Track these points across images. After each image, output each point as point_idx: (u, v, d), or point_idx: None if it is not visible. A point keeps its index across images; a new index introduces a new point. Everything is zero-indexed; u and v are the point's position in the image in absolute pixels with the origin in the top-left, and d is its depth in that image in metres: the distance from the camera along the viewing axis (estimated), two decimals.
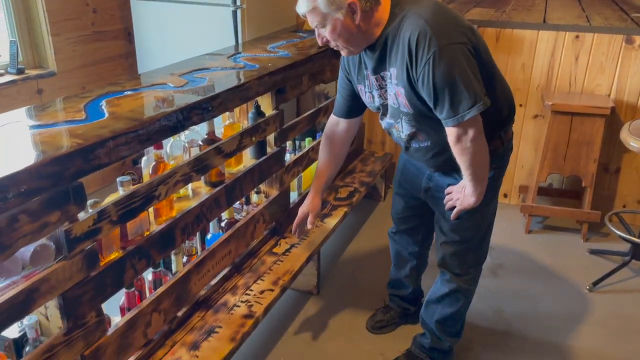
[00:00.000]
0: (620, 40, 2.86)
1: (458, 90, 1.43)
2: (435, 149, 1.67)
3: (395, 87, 1.56)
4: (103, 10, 3.15)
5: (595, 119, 2.78)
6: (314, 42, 2.71)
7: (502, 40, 3.07)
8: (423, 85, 1.47)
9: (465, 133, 1.49)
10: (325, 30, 1.51)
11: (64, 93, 2.95)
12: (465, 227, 1.79)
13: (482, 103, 1.45)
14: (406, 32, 1.46)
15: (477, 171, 1.57)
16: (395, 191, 2.07)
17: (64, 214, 1.24)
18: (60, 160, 1.19)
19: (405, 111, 1.60)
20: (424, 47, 1.42)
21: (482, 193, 1.63)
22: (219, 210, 1.94)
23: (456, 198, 1.70)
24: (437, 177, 1.80)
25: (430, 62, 1.42)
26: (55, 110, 1.54)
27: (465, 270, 1.87)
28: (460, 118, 1.46)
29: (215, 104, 1.75)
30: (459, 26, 1.49)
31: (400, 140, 1.74)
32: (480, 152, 1.54)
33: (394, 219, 2.13)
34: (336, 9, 1.45)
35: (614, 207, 3.18)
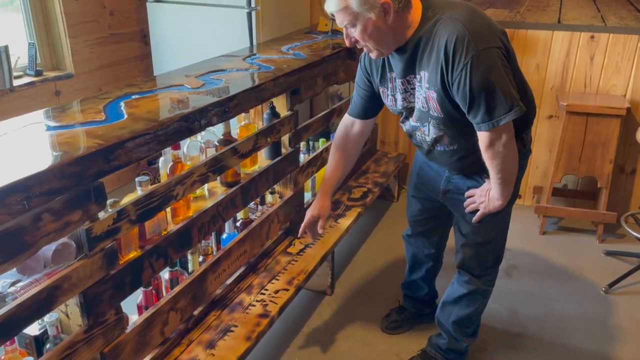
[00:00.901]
0: (636, 40, 2.84)
1: (495, 95, 1.43)
2: (461, 152, 1.67)
3: (427, 90, 1.55)
4: (120, 13, 3.19)
5: (611, 120, 2.76)
6: (328, 43, 2.73)
7: (516, 41, 3.06)
8: (459, 90, 1.46)
9: (499, 138, 1.49)
10: (355, 30, 1.48)
11: (81, 94, 2.99)
12: (487, 229, 1.79)
13: (519, 108, 1.45)
14: (442, 35, 1.45)
15: (506, 175, 1.57)
16: (411, 194, 2.06)
17: (85, 213, 1.27)
18: (82, 161, 1.22)
19: (435, 115, 1.58)
20: (461, 52, 1.41)
21: (509, 197, 1.64)
22: (235, 210, 1.95)
23: (479, 201, 1.70)
24: (457, 179, 1.79)
25: (468, 67, 1.41)
26: (74, 111, 1.56)
27: (484, 271, 1.87)
28: (496, 123, 1.45)
29: (231, 105, 1.77)
30: (494, 30, 1.48)
31: (423, 143, 1.72)
32: (511, 156, 1.54)
33: (410, 221, 2.12)
34: (369, 9, 1.42)
35: (629, 208, 3.15)
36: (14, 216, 1.07)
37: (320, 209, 1.85)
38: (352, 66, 2.74)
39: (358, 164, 3.16)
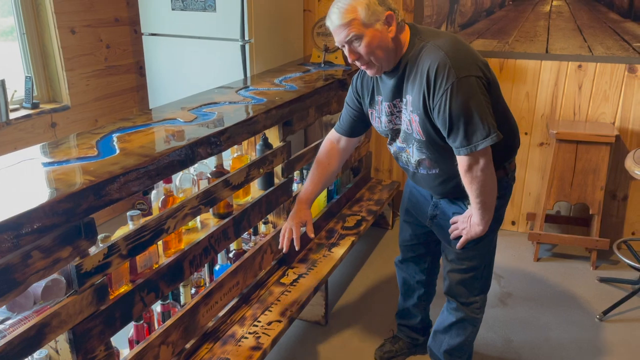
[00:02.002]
0: (622, 69, 2.90)
1: (473, 121, 1.49)
2: (443, 176, 1.71)
3: (411, 113, 1.61)
4: (116, 46, 3.24)
5: (601, 147, 2.79)
6: (320, 74, 2.77)
7: (505, 70, 3.11)
8: (439, 114, 1.52)
9: (476, 162, 1.54)
10: (360, 44, 1.54)
11: (77, 126, 3.03)
12: (471, 256, 1.81)
13: (496, 135, 1.50)
14: (426, 62, 1.52)
15: (485, 200, 1.61)
16: (403, 219, 2.10)
17: (75, 249, 1.28)
18: (73, 197, 1.23)
19: (418, 137, 1.64)
20: (442, 78, 1.48)
21: (489, 222, 1.67)
22: (227, 242, 1.96)
23: (462, 228, 1.73)
24: (443, 204, 1.83)
25: (448, 92, 1.48)
26: (68, 147, 1.59)
27: (472, 298, 1.88)
28: (474, 147, 1.51)
29: (223, 138, 1.79)
30: (475, 60, 1.54)
31: (409, 165, 1.77)
32: (490, 181, 1.59)
33: (401, 246, 2.15)
34: (376, 20, 1.51)
35: (622, 234, 3.17)
36: (4, 254, 1.08)
37: (305, 216, 1.91)
38: (344, 96, 2.77)
39: (352, 192, 3.18)
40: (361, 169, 3.34)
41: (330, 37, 2.93)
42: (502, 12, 3.06)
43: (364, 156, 3.29)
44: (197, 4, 2.91)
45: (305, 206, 1.93)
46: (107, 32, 3.17)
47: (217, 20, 2.88)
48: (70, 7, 2.90)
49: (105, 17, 3.14)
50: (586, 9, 2.91)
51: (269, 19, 2.99)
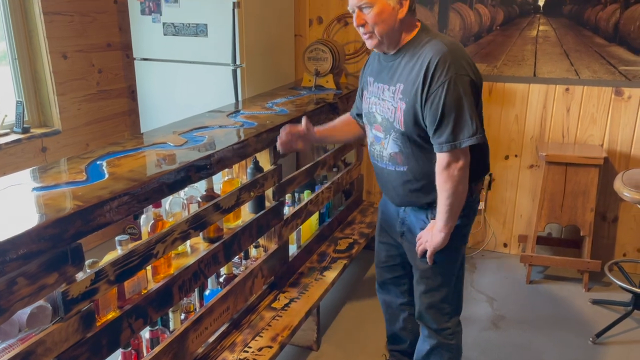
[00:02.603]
0: (609, 92, 2.94)
1: (463, 118, 1.55)
2: (409, 175, 1.74)
3: (399, 101, 1.66)
4: (108, 70, 3.26)
5: (590, 169, 2.81)
6: (312, 98, 2.80)
7: (495, 93, 3.15)
8: (432, 105, 1.57)
9: (456, 160, 1.59)
10: (370, 11, 1.60)
11: (68, 150, 3.02)
12: (435, 273, 1.82)
13: (481, 136, 1.57)
14: (428, 53, 1.59)
15: (454, 203, 1.64)
16: (377, 239, 2.11)
17: (62, 275, 1.26)
18: (60, 223, 1.22)
19: (397, 128, 1.68)
20: (442, 71, 1.55)
21: (451, 230, 1.69)
22: (217, 266, 1.95)
23: (425, 240, 1.75)
24: (410, 220, 1.84)
25: (445, 85, 1.55)
26: (57, 171, 1.58)
27: (444, 324, 1.88)
28: (459, 144, 1.57)
29: (213, 161, 1.79)
30: (472, 68, 1.63)
31: (381, 159, 1.80)
32: (463, 184, 1.63)
33: (378, 268, 2.14)
34: None
35: (614, 255, 3.17)
36: None
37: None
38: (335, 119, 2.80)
39: (343, 215, 3.17)
40: (353, 191, 3.34)
41: (320, 62, 2.97)
42: (490, 36, 3.12)
43: (356, 179, 3.30)
44: (189, 30, 2.94)
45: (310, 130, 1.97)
46: (99, 57, 3.18)
47: (209, 45, 2.91)
48: (63, 33, 2.92)
49: (97, 42, 3.16)
50: (572, 34, 2.96)
51: (260, 43, 3.02)
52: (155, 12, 2.99)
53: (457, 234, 1.73)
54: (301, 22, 3.47)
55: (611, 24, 2.88)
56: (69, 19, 2.95)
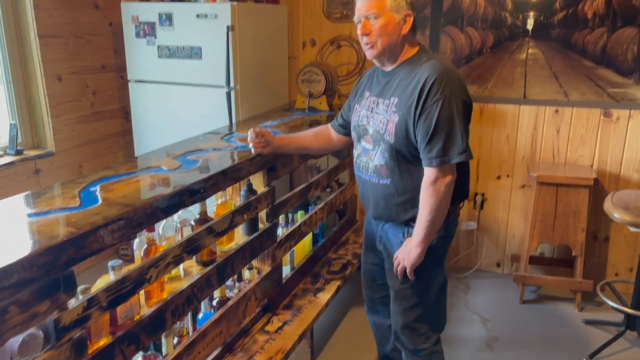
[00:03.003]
0: (598, 113, 2.99)
1: (454, 135, 1.61)
2: (392, 189, 1.78)
3: (392, 114, 1.71)
4: (102, 92, 3.28)
5: (580, 190, 2.84)
6: (305, 120, 2.82)
7: (486, 114, 3.19)
8: (425, 121, 1.62)
9: (444, 176, 1.64)
10: (376, 22, 1.68)
11: (61, 172, 3.02)
12: (410, 293, 1.84)
13: (470, 153, 1.64)
14: (425, 71, 1.66)
15: (435, 219, 1.68)
16: (363, 259, 2.13)
17: (54, 303, 1.26)
18: (53, 250, 1.22)
19: (387, 139, 1.73)
20: (438, 88, 1.62)
21: (427, 245, 1.72)
22: (210, 290, 1.94)
23: (402, 257, 1.78)
24: (386, 238, 1.88)
25: (440, 102, 1.61)
26: (51, 196, 1.58)
27: (419, 345, 1.89)
28: (448, 160, 1.62)
29: (207, 185, 1.80)
30: (465, 88, 1.70)
31: (366, 170, 1.84)
32: (446, 201, 1.68)
33: (365, 289, 2.16)
34: (397, 10, 1.68)
35: (606, 275, 3.19)
36: None
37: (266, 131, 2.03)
38: None
39: (337, 235, 3.18)
40: (346, 211, 3.35)
41: (314, 84, 3.00)
42: (480, 59, 3.17)
43: (349, 199, 3.31)
44: (183, 52, 2.97)
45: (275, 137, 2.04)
46: (94, 79, 3.20)
47: (203, 67, 2.94)
48: (57, 56, 2.94)
49: (92, 65, 3.18)
50: (560, 57, 3.02)
51: (254, 66, 3.05)
52: (150, 35, 3.02)
53: (430, 255, 1.76)
54: (295, 45, 3.51)
55: (599, 47, 2.94)
56: (64, 41, 2.97)
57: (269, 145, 2.02)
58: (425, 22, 3.19)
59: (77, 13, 3.03)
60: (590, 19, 2.92)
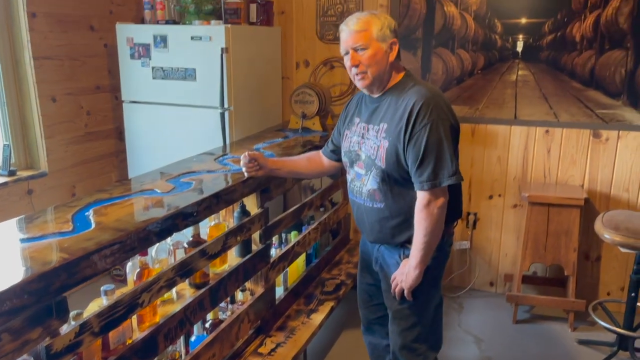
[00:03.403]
0: (587, 134, 3.03)
1: (444, 158, 1.65)
2: (385, 213, 1.81)
3: (382, 140, 1.75)
4: (97, 112, 3.29)
5: (571, 210, 2.87)
6: (298, 140, 2.84)
7: (477, 135, 3.23)
8: (414, 146, 1.66)
9: (436, 198, 1.67)
10: (365, 53, 1.72)
11: (54, 192, 3.02)
12: (408, 314, 1.86)
13: (460, 176, 1.67)
14: (412, 97, 1.70)
15: (430, 241, 1.71)
16: (359, 279, 2.14)
17: (46, 330, 1.25)
18: (45, 277, 1.22)
19: (378, 165, 1.76)
20: (425, 113, 1.66)
21: (424, 267, 1.74)
22: (203, 313, 1.94)
23: (400, 279, 1.80)
24: (382, 260, 1.90)
25: (428, 127, 1.65)
26: (44, 221, 1.59)
27: None
28: (438, 183, 1.65)
29: (200, 209, 1.81)
30: (452, 111, 1.74)
31: (360, 195, 1.87)
32: (440, 222, 1.71)
33: (361, 309, 2.17)
34: (383, 39, 1.73)
35: (598, 294, 3.20)
36: None
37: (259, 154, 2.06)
38: None
39: (331, 255, 3.18)
40: (340, 231, 3.36)
41: (307, 105, 3.03)
42: (471, 80, 3.21)
43: (343, 218, 3.32)
44: (177, 74, 2.99)
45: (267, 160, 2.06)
46: (88, 100, 3.22)
47: (197, 88, 2.96)
48: (52, 77, 2.96)
49: (86, 86, 3.20)
50: (550, 78, 3.06)
51: (248, 87, 3.08)
52: (145, 56, 3.05)
53: (427, 275, 1.78)
54: (288, 66, 3.54)
55: (587, 69, 2.99)
56: (59, 63, 2.99)
57: (262, 168, 2.04)
58: (417, 43, 3.24)
59: (72, 35, 3.06)
60: (579, 42, 2.97)
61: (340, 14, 3.36)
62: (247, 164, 2.01)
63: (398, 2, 3.20)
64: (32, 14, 2.80)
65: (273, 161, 2.11)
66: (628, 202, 3.03)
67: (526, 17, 3.04)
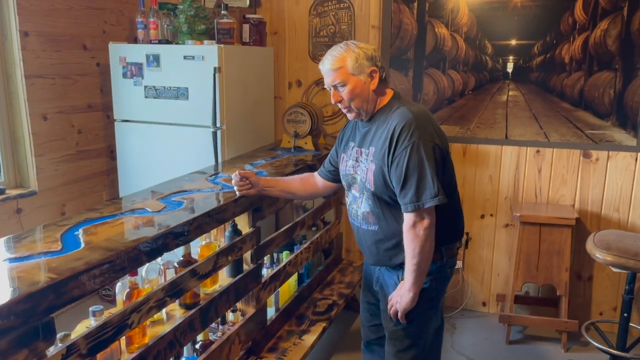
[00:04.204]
0: (578, 154, 3.05)
1: (425, 180, 1.64)
2: (380, 235, 1.81)
3: (370, 163, 1.76)
4: (88, 131, 3.27)
5: (563, 229, 2.88)
6: (291, 159, 2.84)
7: (468, 155, 3.25)
8: (397, 168, 1.66)
9: (421, 220, 1.67)
10: (344, 89, 1.74)
11: (44, 211, 2.98)
12: (403, 335, 1.84)
13: (443, 197, 1.65)
14: (395, 119, 1.71)
15: (420, 262, 1.69)
16: (362, 299, 2.13)
17: (32, 352, 1.23)
18: (32, 298, 1.20)
19: (368, 187, 1.77)
20: (406, 135, 1.66)
21: (419, 289, 1.73)
22: (194, 334, 1.91)
23: (395, 300, 1.79)
24: (382, 280, 1.89)
25: (409, 149, 1.65)
26: (32, 240, 1.56)
27: None
28: (422, 205, 1.64)
29: (191, 228, 1.79)
30: (439, 134, 1.73)
31: (356, 218, 1.88)
32: (429, 243, 1.69)
33: (363, 327, 2.16)
34: (360, 72, 1.73)
35: (591, 314, 3.20)
36: None
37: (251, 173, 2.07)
38: None
39: (323, 275, 3.16)
40: (332, 250, 3.34)
41: (299, 124, 3.03)
42: (462, 100, 3.24)
43: (335, 238, 3.31)
44: (169, 93, 2.99)
45: (259, 179, 2.07)
46: (80, 118, 3.20)
47: (190, 107, 2.96)
48: (43, 95, 2.94)
49: (78, 104, 3.18)
50: (539, 99, 3.10)
51: (240, 106, 3.09)
52: (137, 75, 3.05)
53: (424, 297, 1.77)
54: (281, 85, 3.56)
55: (576, 90, 3.03)
56: (51, 81, 2.99)
57: (253, 187, 2.03)
58: (409, 64, 3.27)
59: (65, 54, 3.06)
60: (568, 63, 3.02)
61: (332, 34, 3.39)
62: (239, 182, 2.01)
63: (390, 23, 3.24)
64: (25, 33, 2.80)
65: (265, 180, 2.11)
66: (619, 221, 3.05)
67: (516, 39, 3.08)
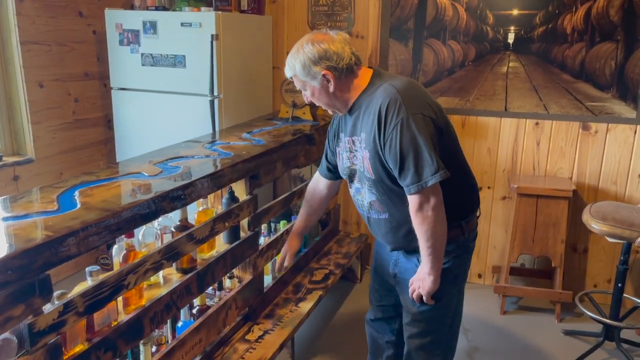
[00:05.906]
0: (577, 127, 3.04)
1: (422, 157, 1.52)
2: (393, 222, 1.72)
3: (364, 150, 1.66)
4: (85, 99, 3.25)
5: (559, 201, 2.88)
6: (288, 129, 2.83)
7: (467, 127, 3.23)
8: (390, 150, 1.55)
9: (427, 200, 1.55)
10: (306, 93, 1.72)
11: (41, 179, 2.98)
12: (427, 317, 1.78)
13: (444, 172, 1.53)
14: (378, 99, 1.58)
15: (435, 244, 1.60)
16: (371, 284, 2.08)
17: (29, 307, 1.24)
18: (28, 254, 1.21)
19: (368, 176, 1.68)
20: (393, 113, 1.54)
21: (439, 271, 1.65)
22: (190, 298, 1.93)
23: (417, 285, 1.72)
24: (401, 263, 1.83)
25: (398, 127, 1.53)
26: (28, 201, 1.56)
27: None
28: (424, 184, 1.53)
29: (187, 192, 1.79)
30: (429, 102, 1.61)
31: (363, 208, 1.80)
32: (440, 223, 1.59)
33: (372, 305, 2.10)
34: (312, 78, 1.65)
35: (585, 286, 3.23)
36: None
37: (289, 246, 2.09)
38: (311, 151, 2.83)
39: (320, 245, 3.18)
40: (329, 221, 3.35)
41: (298, 94, 3.01)
42: (462, 71, 3.21)
43: (332, 209, 3.31)
44: (167, 61, 2.96)
45: (295, 236, 2.09)
46: (76, 86, 3.18)
47: (187, 76, 2.94)
48: (39, 62, 2.92)
49: (74, 72, 3.16)
50: (540, 70, 3.07)
51: (238, 75, 3.06)
52: (134, 42, 3.02)
53: (447, 277, 1.69)
54: (279, 55, 3.53)
55: (577, 61, 3.00)
56: (47, 48, 2.96)
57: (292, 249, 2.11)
58: (409, 34, 3.23)
59: (60, 20, 3.02)
60: (569, 34, 2.99)
61: (331, 3, 3.35)
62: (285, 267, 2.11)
63: None
64: None
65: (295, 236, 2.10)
66: (616, 194, 3.05)
67: (518, 9, 3.04)
